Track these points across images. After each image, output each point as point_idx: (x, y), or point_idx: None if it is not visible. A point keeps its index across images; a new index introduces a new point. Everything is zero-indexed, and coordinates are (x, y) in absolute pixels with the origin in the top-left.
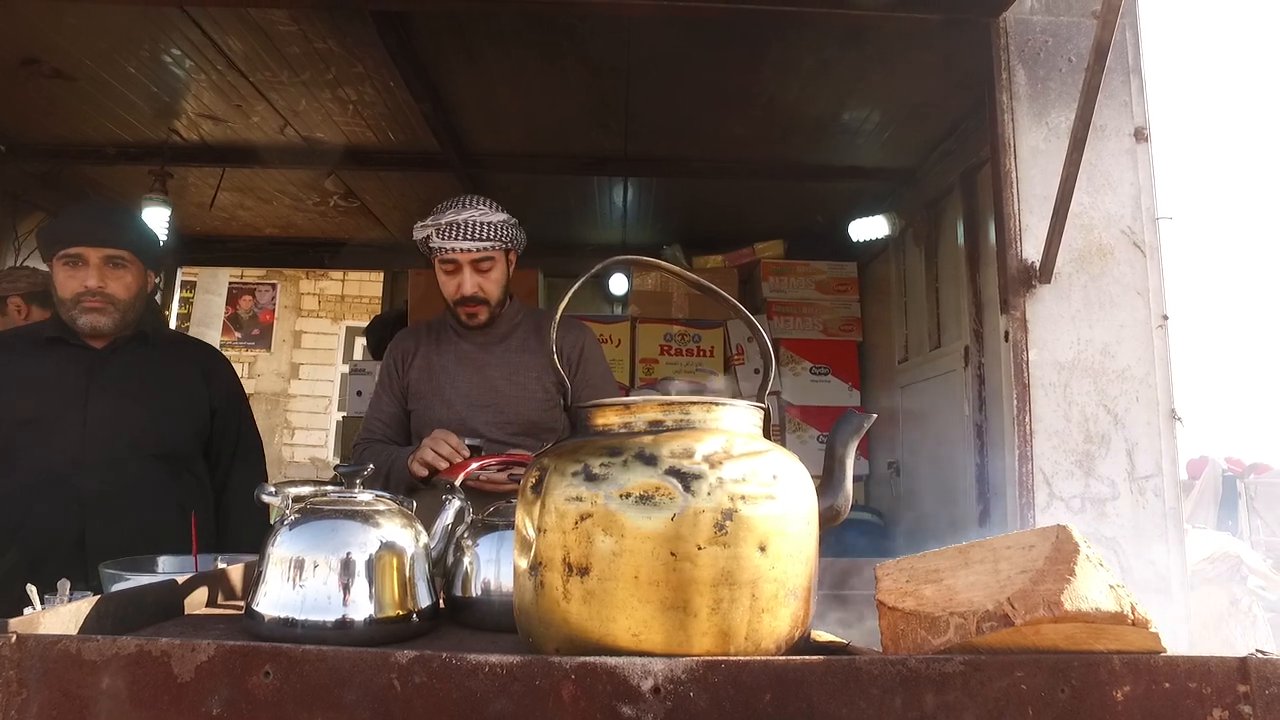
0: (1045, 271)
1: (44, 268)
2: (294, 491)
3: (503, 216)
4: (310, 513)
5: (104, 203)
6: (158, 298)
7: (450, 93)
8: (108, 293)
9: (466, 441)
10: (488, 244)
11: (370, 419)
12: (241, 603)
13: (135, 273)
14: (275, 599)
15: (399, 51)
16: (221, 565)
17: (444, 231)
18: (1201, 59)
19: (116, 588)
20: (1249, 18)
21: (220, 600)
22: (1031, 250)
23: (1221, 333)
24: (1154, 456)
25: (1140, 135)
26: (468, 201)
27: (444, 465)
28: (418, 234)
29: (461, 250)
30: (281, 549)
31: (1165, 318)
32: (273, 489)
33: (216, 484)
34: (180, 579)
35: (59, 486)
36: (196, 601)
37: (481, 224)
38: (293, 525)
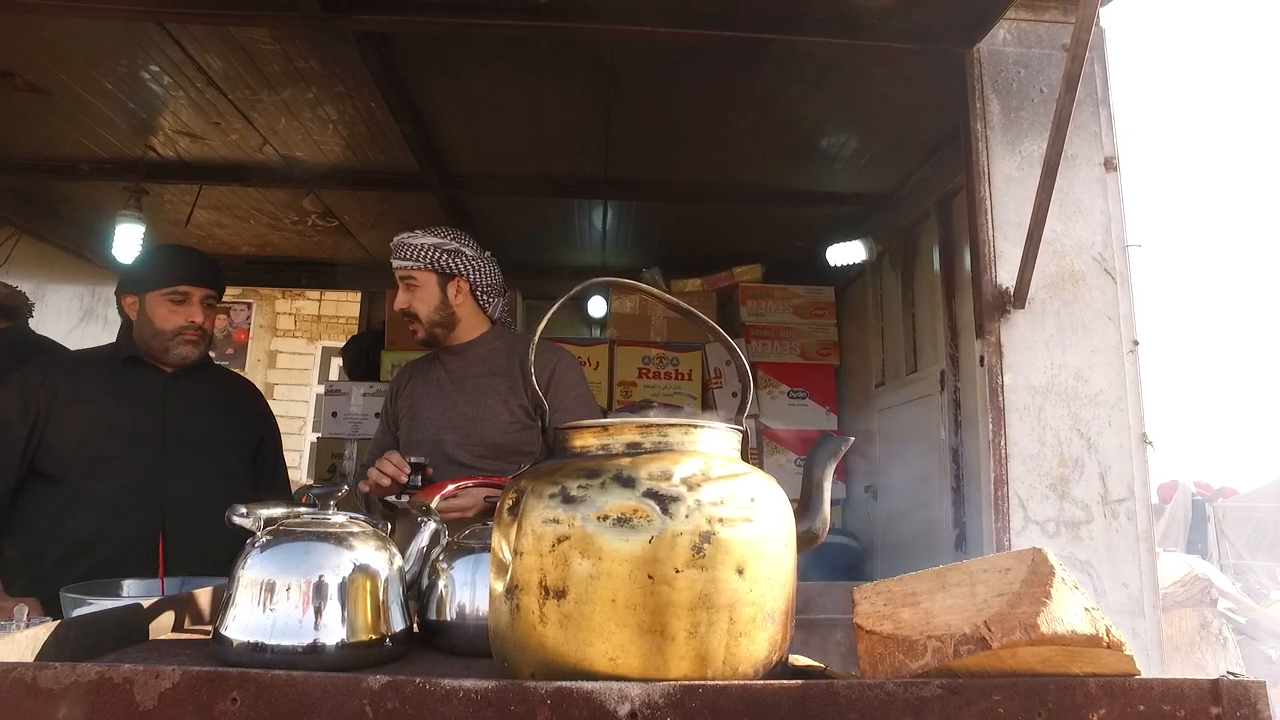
0: (1019, 297)
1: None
2: (266, 513)
3: (432, 240)
4: (282, 534)
5: (193, 248)
6: None
7: (431, 113)
8: (204, 328)
9: (410, 459)
10: (407, 263)
11: (371, 449)
12: (209, 627)
13: (217, 311)
14: (244, 623)
15: (381, 72)
16: (191, 589)
17: (392, 251)
18: (1168, 92)
19: (78, 613)
20: (1213, 53)
21: (187, 625)
22: (1006, 276)
23: (1190, 358)
24: (1126, 480)
25: (1110, 165)
26: (424, 229)
27: (386, 482)
28: None
29: (395, 269)
30: (252, 571)
31: (1136, 343)
32: (244, 510)
33: None
34: (145, 603)
35: (144, 492)
36: (162, 626)
37: (406, 245)
38: (264, 547)
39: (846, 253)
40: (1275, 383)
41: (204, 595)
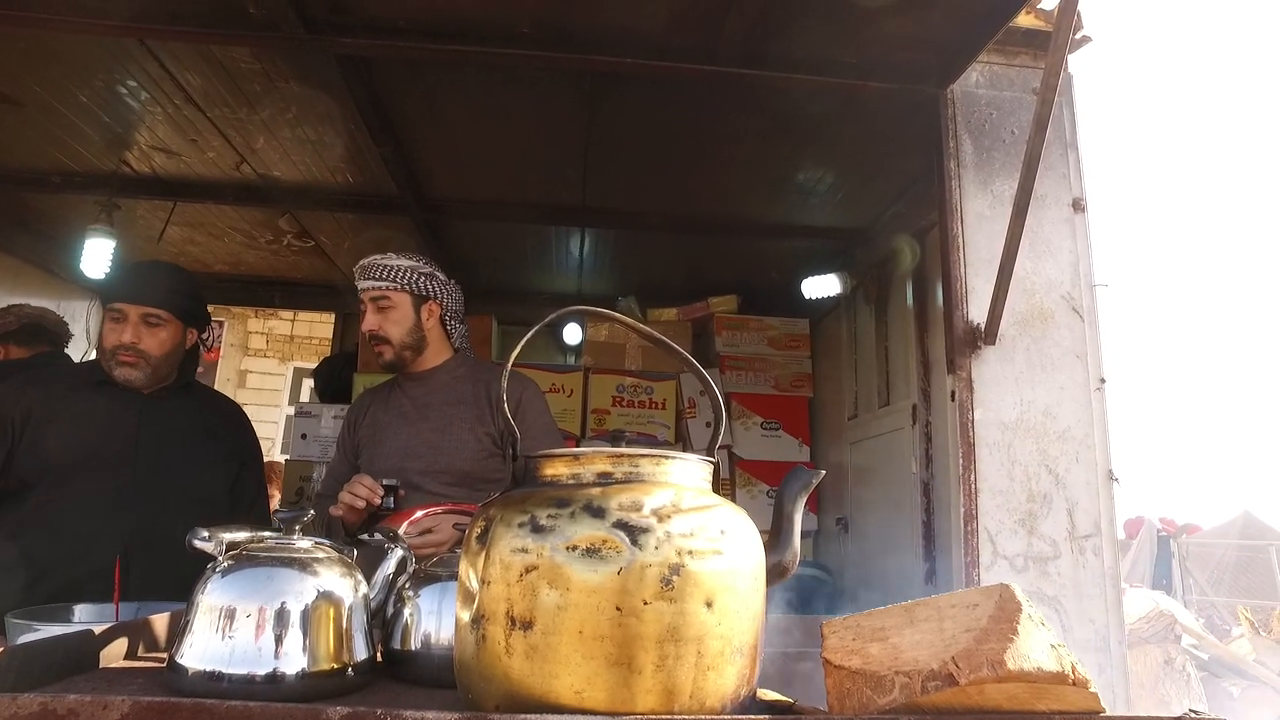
0: (990, 333)
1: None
2: (228, 537)
3: (408, 263)
4: (245, 559)
5: (154, 262)
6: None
7: (411, 137)
8: (140, 348)
9: (384, 482)
10: (382, 284)
11: (327, 477)
12: (164, 655)
13: (172, 330)
14: (201, 651)
15: (361, 94)
16: (147, 614)
17: (357, 274)
18: (1135, 136)
19: (24, 639)
20: (1177, 100)
21: (142, 653)
22: (977, 312)
23: (1155, 396)
24: (1093, 516)
25: (1078, 205)
26: (394, 252)
27: (360, 505)
28: None
29: (363, 289)
30: (211, 597)
31: (1103, 381)
32: (205, 533)
33: None
34: (97, 629)
35: (107, 517)
36: (114, 654)
37: (380, 265)
38: (225, 572)
39: (821, 286)
40: (1237, 422)
41: (160, 621)
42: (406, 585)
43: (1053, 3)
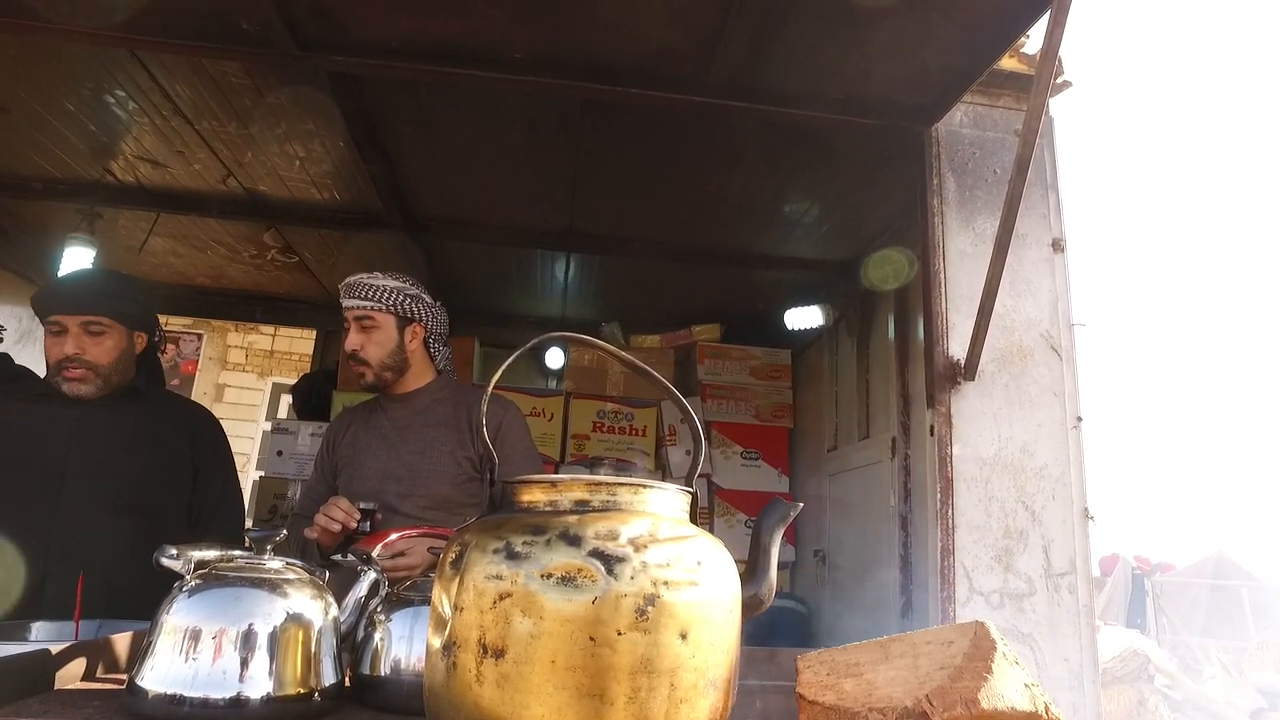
0: (970, 369)
1: None
2: (197, 555)
3: (394, 284)
4: (213, 579)
5: (87, 269)
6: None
7: (400, 156)
8: (87, 359)
9: (360, 505)
10: (367, 303)
11: (303, 496)
12: (124, 677)
13: (116, 336)
14: (163, 673)
15: (352, 112)
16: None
17: (342, 292)
18: (1114, 177)
19: None
20: (1156, 142)
21: (101, 674)
22: (957, 348)
23: (1131, 435)
24: (1068, 554)
25: (1057, 246)
26: (379, 272)
27: (336, 528)
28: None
29: (347, 308)
30: (177, 617)
31: (1079, 419)
32: (173, 551)
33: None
34: (54, 648)
35: (27, 535)
36: (71, 675)
37: (365, 285)
38: (192, 592)
39: (804, 317)
40: (1211, 462)
41: (122, 641)
42: (378, 609)
43: (1035, 47)
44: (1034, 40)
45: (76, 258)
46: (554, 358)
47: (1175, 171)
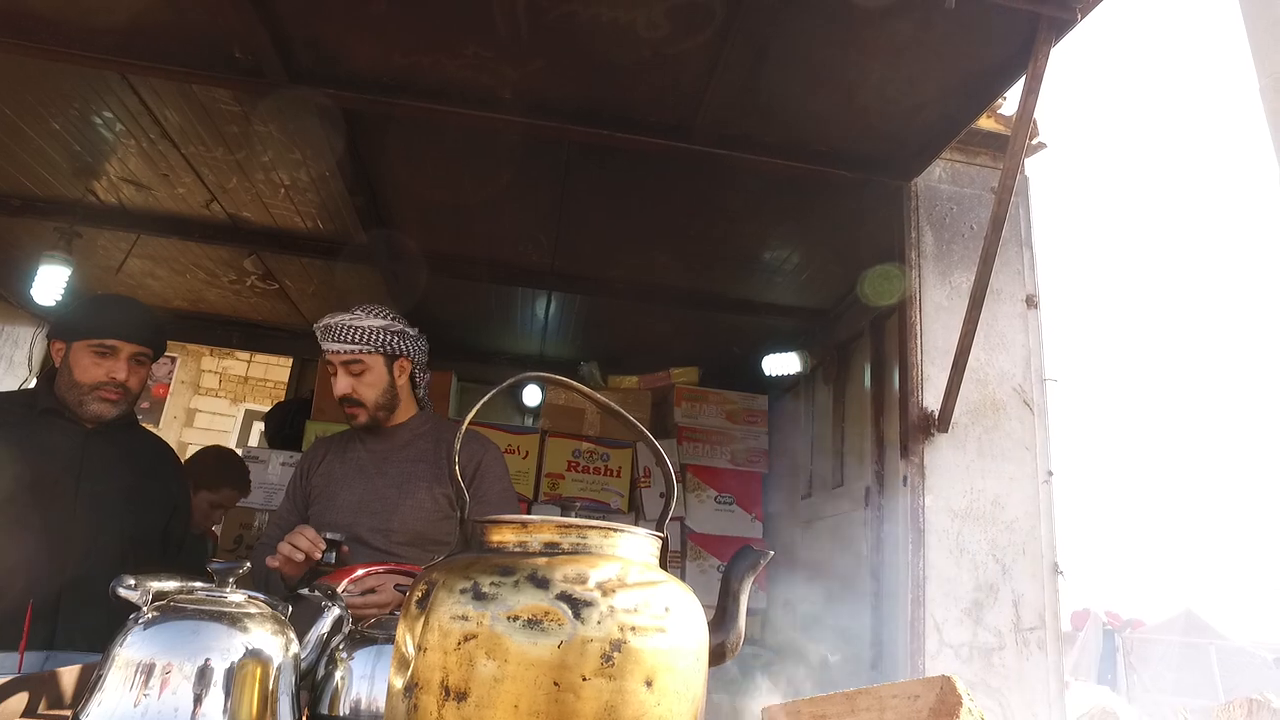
0: (943, 421)
1: None
2: (156, 586)
3: (380, 322)
4: (171, 611)
5: (134, 299)
6: None
7: (385, 189)
8: (128, 385)
9: (327, 535)
10: (354, 347)
11: (270, 525)
12: (69, 713)
13: (148, 369)
14: (110, 709)
15: (340, 144)
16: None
17: (323, 334)
18: (1087, 237)
19: None
20: (1128, 207)
21: (44, 709)
22: (931, 400)
23: (1103, 490)
24: (1038, 609)
25: (1031, 302)
26: (357, 308)
27: (300, 558)
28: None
29: (332, 351)
30: (130, 650)
31: (1050, 473)
32: (131, 581)
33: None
34: None
35: (45, 553)
36: (11, 711)
37: (350, 327)
38: (148, 624)
39: (782, 363)
40: (1180, 519)
41: (69, 675)
42: (340, 647)
43: (1012, 108)
44: (1011, 102)
45: (51, 276)
46: (531, 395)
47: (1146, 231)
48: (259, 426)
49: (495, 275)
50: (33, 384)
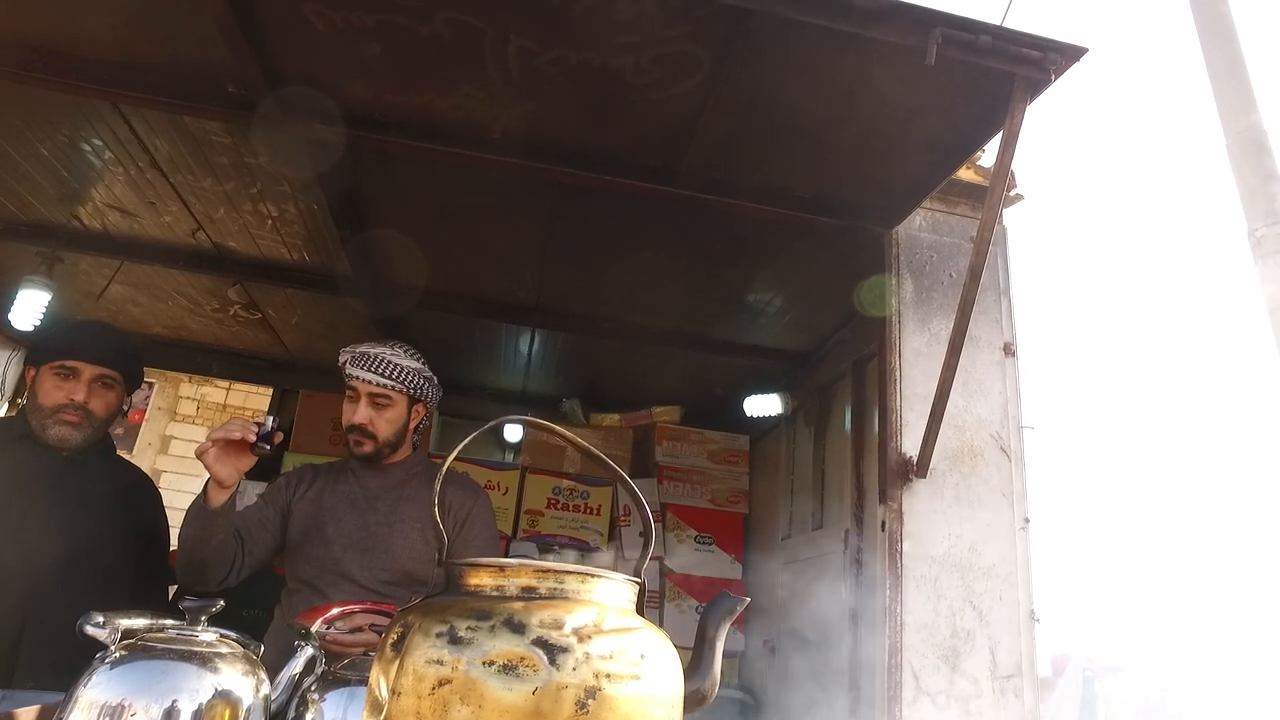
0: (922, 467)
1: None
2: (125, 624)
3: (415, 365)
4: (139, 650)
5: (104, 323)
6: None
7: (373, 223)
8: (89, 408)
9: (257, 421)
10: (388, 381)
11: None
12: None
13: (118, 394)
14: None
15: (329, 178)
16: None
17: (356, 360)
18: (1064, 286)
19: None
20: (1105, 257)
21: None
22: (910, 445)
23: (1081, 537)
24: (1015, 657)
25: (1008, 350)
26: (393, 344)
27: (236, 436)
28: (340, 359)
29: (362, 380)
30: (94, 691)
31: (1027, 521)
32: (99, 619)
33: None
34: None
35: (9, 585)
36: None
37: (389, 362)
38: (115, 663)
39: (764, 404)
40: (1159, 568)
41: (27, 716)
42: (312, 688)
43: (991, 161)
44: (989, 154)
45: (31, 300)
46: (512, 432)
47: (1122, 281)
48: None
49: (480, 311)
50: (2, 410)
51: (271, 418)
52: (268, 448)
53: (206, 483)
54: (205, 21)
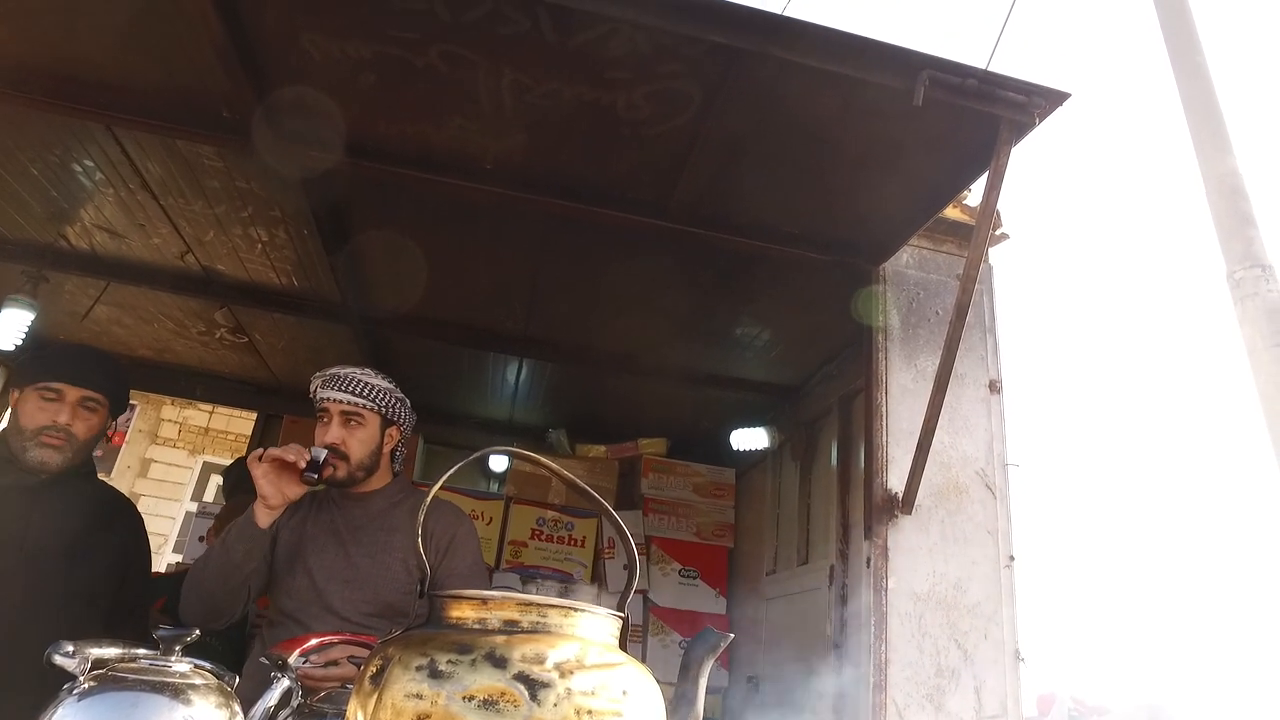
0: (907, 503)
1: None
2: (95, 653)
3: (386, 384)
4: (109, 681)
5: (90, 346)
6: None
7: (363, 250)
8: (71, 430)
9: (312, 450)
10: (359, 400)
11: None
12: None
13: (101, 417)
14: None
15: (320, 204)
16: None
17: (327, 382)
18: (1050, 324)
19: None
20: (1090, 296)
21: None
22: (896, 481)
23: (1067, 576)
24: (1000, 696)
25: (994, 387)
26: (364, 368)
27: (291, 458)
28: (311, 387)
29: (333, 400)
30: None
31: (1012, 558)
32: (69, 648)
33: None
34: None
35: None
36: None
37: (358, 380)
38: (83, 695)
39: (750, 438)
40: (1144, 605)
41: None
42: None
43: (978, 200)
44: (976, 193)
45: (13, 320)
46: (498, 461)
47: (1106, 320)
48: (217, 480)
49: (468, 339)
50: None
51: (324, 450)
52: (315, 477)
53: (252, 504)
54: (202, 47)
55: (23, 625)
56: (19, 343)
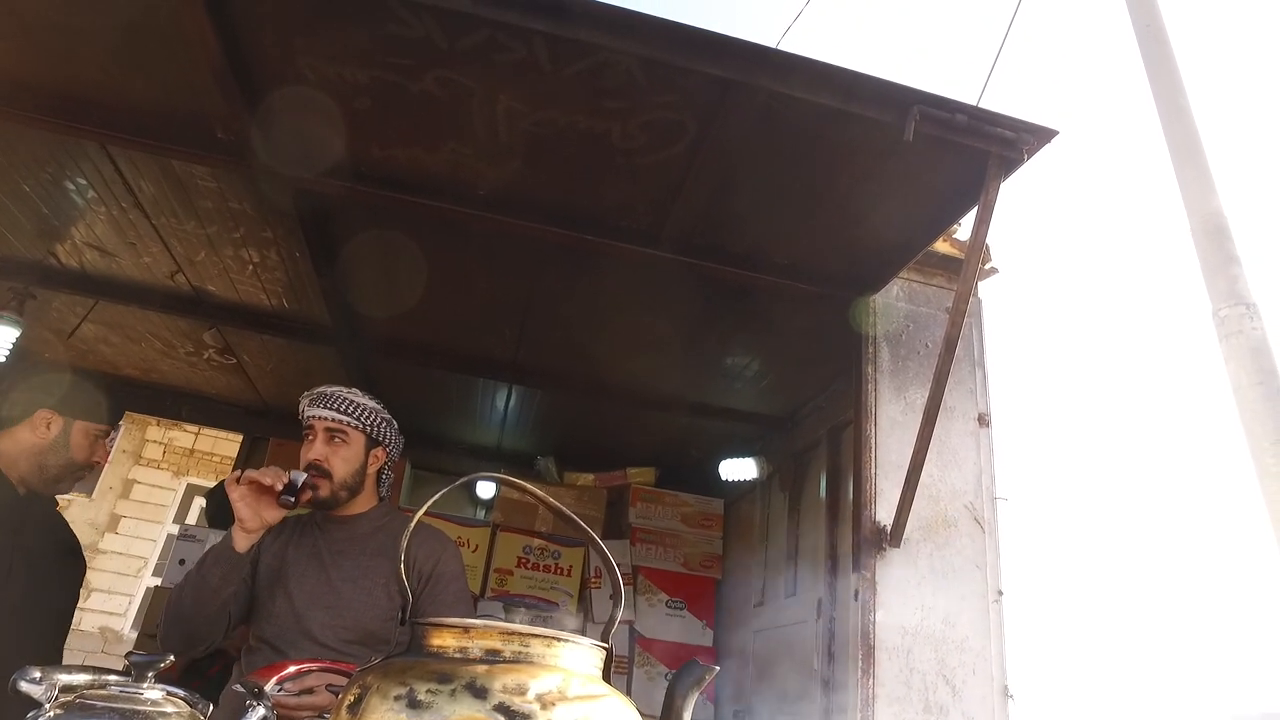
0: (895, 536)
1: None
2: (64, 679)
3: (372, 404)
4: (77, 709)
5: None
6: None
7: (354, 273)
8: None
9: (291, 473)
10: (343, 417)
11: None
12: None
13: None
14: None
15: (313, 227)
16: None
17: (314, 400)
18: (1039, 358)
19: None
20: (1080, 329)
21: None
22: (884, 514)
23: (1053, 611)
24: None
25: (983, 420)
26: (352, 388)
27: (267, 482)
28: (299, 406)
29: (319, 416)
30: None
31: (1000, 593)
32: (37, 674)
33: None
34: None
35: None
36: None
37: (344, 398)
38: None
39: (739, 469)
40: (1133, 642)
41: None
42: None
43: (967, 234)
44: (966, 227)
45: None
46: (485, 488)
47: (1095, 354)
48: (200, 503)
49: (458, 365)
50: None
51: (304, 474)
52: (293, 500)
53: (230, 528)
54: (199, 68)
55: (10, 655)
56: (2, 359)
